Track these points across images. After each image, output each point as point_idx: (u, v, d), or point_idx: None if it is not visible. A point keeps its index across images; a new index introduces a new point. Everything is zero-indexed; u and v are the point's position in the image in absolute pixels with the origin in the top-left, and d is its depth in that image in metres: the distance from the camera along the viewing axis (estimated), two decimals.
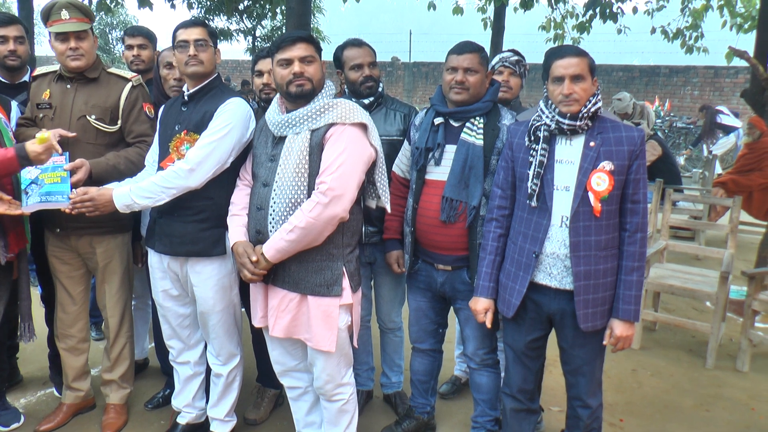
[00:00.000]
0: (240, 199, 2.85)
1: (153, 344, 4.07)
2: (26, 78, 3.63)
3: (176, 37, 2.91)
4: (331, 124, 2.60)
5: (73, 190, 2.84)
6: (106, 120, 3.17)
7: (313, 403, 3.05)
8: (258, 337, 3.35)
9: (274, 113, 2.75)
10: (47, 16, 3.08)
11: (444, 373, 3.55)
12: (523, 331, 2.77)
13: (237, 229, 2.79)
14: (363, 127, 2.63)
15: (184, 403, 3.32)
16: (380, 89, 3.35)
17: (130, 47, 3.89)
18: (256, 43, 21.35)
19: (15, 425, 3.48)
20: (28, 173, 2.88)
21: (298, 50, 2.63)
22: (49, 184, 2.86)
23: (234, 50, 24.52)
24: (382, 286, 3.52)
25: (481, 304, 2.79)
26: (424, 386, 3.36)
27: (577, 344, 2.68)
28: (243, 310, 3.20)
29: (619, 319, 2.58)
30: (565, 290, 2.60)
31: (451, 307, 3.17)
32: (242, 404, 3.52)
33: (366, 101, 3.28)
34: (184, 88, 3.02)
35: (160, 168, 2.94)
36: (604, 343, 2.64)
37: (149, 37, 3.96)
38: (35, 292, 4.73)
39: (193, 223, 2.91)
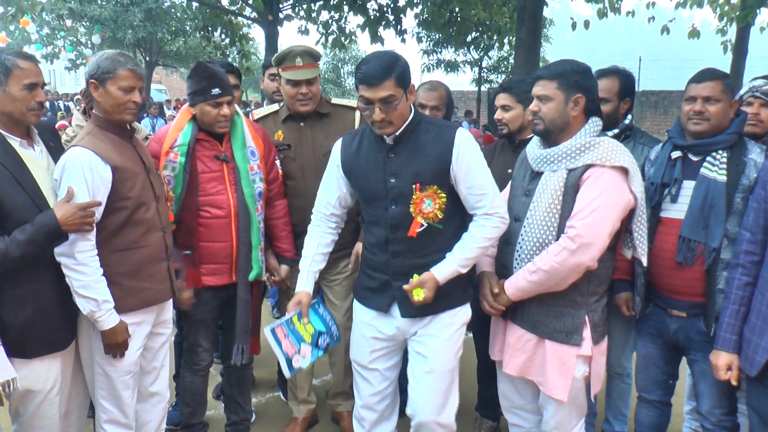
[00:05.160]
0: None
1: None
2: None
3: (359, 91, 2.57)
4: (590, 165, 2.48)
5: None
6: None
7: None
8: (485, 365, 3.29)
9: (535, 146, 2.70)
10: (282, 61, 3.30)
11: (671, 429, 3.25)
12: None
13: (485, 259, 2.79)
14: (624, 171, 2.48)
15: None
16: (626, 121, 3.18)
17: None
18: (482, 74, 21.65)
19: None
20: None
21: (536, 88, 2.60)
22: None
23: (459, 81, 25.14)
24: (612, 328, 3.30)
25: (722, 359, 2.52)
26: None
27: None
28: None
29: None
30: None
31: (684, 358, 2.90)
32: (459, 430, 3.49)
33: (610, 133, 3.12)
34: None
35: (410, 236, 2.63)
36: None
37: None
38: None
39: None
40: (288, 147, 3.39)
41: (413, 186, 2.57)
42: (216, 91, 2.99)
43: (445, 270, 2.56)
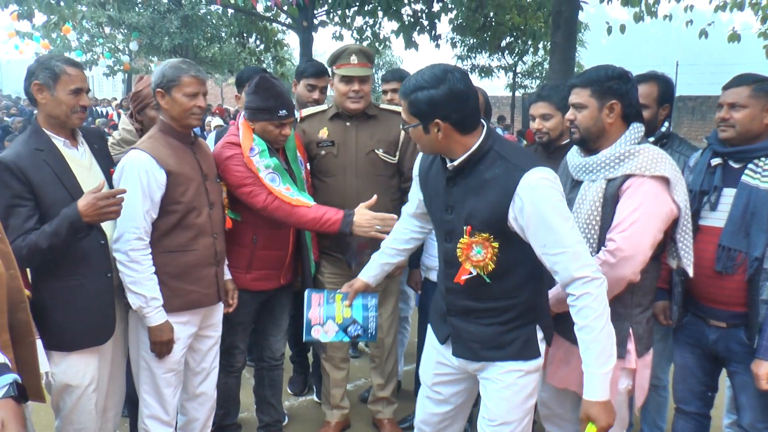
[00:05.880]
0: None
1: (407, 367, 4.30)
2: None
3: None
4: (629, 175, 2.40)
5: None
6: (391, 152, 3.40)
7: None
8: None
9: (575, 155, 2.65)
10: (336, 59, 3.34)
11: None
12: None
13: None
14: (665, 180, 2.39)
15: None
16: (663, 128, 3.13)
17: (384, 92, 4.16)
18: (516, 80, 21.50)
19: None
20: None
21: (571, 96, 2.56)
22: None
23: (494, 86, 25.08)
24: None
25: (764, 368, 2.47)
26: None
27: None
28: None
29: None
30: None
31: (723, 370, 2.84)
32: None
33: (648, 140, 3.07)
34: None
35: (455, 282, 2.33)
36: None
37: (402, 80, 4.15)
38: None
39: (495, 325, 2.35)
40: (332, 144, 3.41)
41: (465, 227, 2.25)
42: (283, 112, 3.01)
43: (596, 388, 2.15)
